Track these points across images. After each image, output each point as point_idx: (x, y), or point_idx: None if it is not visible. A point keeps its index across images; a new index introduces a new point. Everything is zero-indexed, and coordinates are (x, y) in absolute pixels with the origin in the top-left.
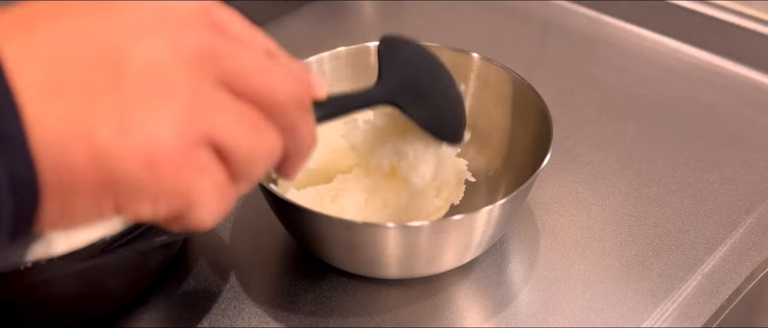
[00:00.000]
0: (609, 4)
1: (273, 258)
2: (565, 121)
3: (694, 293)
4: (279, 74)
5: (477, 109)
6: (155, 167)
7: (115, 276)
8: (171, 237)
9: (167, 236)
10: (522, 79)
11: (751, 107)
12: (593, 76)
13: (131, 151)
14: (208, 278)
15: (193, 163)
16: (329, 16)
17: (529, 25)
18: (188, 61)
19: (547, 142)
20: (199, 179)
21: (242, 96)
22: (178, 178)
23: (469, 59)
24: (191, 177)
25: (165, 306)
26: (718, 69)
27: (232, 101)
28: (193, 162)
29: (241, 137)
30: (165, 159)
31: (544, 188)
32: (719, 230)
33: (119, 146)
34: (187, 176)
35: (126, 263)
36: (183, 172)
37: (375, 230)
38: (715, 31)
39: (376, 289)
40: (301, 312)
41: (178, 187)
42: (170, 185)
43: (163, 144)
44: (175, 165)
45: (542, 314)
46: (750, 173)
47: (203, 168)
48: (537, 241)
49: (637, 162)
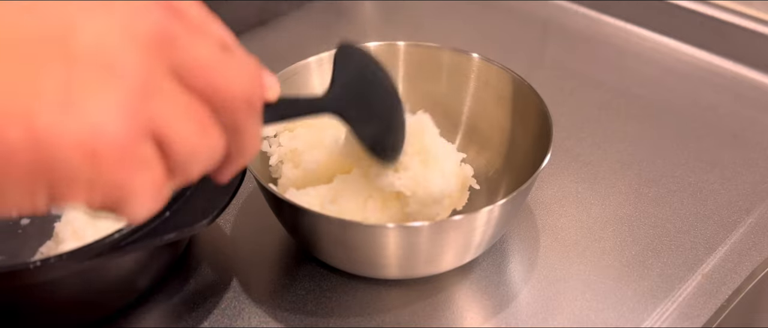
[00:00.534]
0: (609, 4)
1: (273, 258)
2: (565, 121)
3: (694, 293)
4: (233, 71)
5: (477, 109)
6: (97, 158)
7: (122, 274)
8: (179, 235)
9: (175, 233)
10: (522, 80)
11: (751, 107)
12: (593, 76)
13: (73, 138)
14: (208, 278)
15: (135, 156)
16: (329, 16)
17: (529, 25)
18: (141, 42)
19: (547, 142)
20: (139, 174)
21: (192, 90)
22: (119, 171)
23: (469, 59)
24: (132, 172)
25: (166, 306)
26: (718, 69)
27: (182, 94)
28: (136, 156)
29: (185, 134)
30: (108, 150)
31: (544, 188)
32: (719, 230)
33: (60, 132)
34: (128, 170)
35: (133, 261)
36: (124, 165)
37: (375, 230)
38: (715, 31)
39: (375, 289)
40: (301, 312)
41: (117, 180)
42: (110, 178)
43: (107, 133)
44: (118, 158)
45: (542, 314)
46: (750, 173)
47: (144, 163)
48: (537, 241)
49: (637, 162)
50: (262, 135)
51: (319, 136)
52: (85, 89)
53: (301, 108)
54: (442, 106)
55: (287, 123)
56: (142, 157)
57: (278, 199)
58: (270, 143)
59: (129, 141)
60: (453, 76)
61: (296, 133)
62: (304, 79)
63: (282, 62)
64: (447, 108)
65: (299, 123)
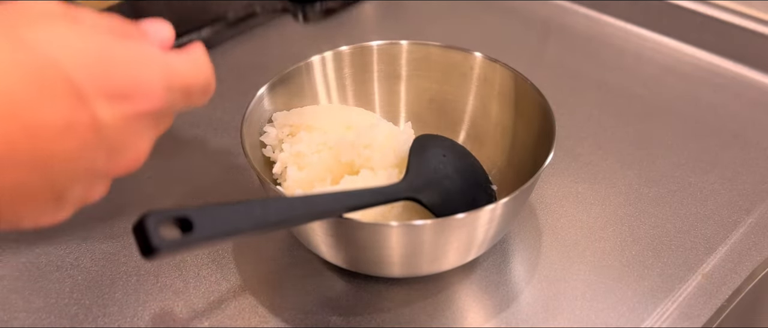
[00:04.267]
0: (609, 4)
1: (275, 257)
2: (566, 121)
3: (694, 293)
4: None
5: (479, 107)
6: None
7: None
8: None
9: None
10: (524, 78)
11: (751, 107)
12: (593, 76)
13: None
14: (208, 277)
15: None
16: (329, 15)
17: (529, 25)
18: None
19: (550, 140)
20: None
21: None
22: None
23: (471, 57)
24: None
25: (166, 306)
26: (718, 69)
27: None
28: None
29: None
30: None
31: (544, 188)
32: (719, 230)
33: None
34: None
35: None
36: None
37: (378, 228)
38: (715, 31)
39: (377, 288)
40: (303, 311)
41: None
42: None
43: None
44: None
45: (543, 313)
46: (750, 173)
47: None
48: (538, 241)
49: (637, 162)
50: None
51: (323, 139)
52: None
53: (383, 195)
54: (445, 105)
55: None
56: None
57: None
58: (273, 149)
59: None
60: (455, 74)
61: (299, 137)
62: (307, 79)
63: (284, 62)
64: (449, 106)
65: (302, 127)
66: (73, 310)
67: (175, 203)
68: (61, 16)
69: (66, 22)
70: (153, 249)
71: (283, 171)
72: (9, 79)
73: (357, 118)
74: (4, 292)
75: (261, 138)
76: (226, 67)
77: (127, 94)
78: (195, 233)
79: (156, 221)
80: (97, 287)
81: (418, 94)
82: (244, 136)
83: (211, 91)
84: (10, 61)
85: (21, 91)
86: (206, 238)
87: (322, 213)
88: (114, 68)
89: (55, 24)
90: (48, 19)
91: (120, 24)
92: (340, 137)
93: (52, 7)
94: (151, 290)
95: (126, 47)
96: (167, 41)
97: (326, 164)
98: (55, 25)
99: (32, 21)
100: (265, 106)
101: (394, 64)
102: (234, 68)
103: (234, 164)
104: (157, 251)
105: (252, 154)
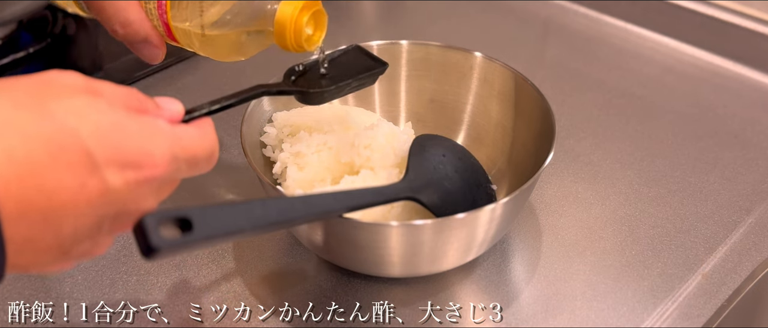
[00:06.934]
0: (609, 4)
1: (275, 257)
2: (566, 121)
3: (694, 293)
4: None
5: (479, 107)
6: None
7: None
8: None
9: None
10: (524, 78)
11: (751, 107)
12: (593, 76)
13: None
14: (208, 276)
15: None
16: (329, 16)
17: (529, 25)
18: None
19: (550, 140)
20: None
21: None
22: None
23: (471, 57)
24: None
25: (166, 306)
26: (718, 69)
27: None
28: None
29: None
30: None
31: (544, 188)
32: (719, 230)
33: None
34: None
35: None
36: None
37: (378, 228)
38: (715, 31)
39: (378, 288)
40: (303, 311)
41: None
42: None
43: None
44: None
45: (543, 313)
46: (750, 173)
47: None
48: (538, 240)
49: (637, 162)
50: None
51: (323, 139)
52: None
53: (383, 195)
54: (445, 105)
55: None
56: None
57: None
58: (273, 149)
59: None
60: (455, 74)
61: (299, 137)
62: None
63: (285, 61)
64: (449, 106)
65: (302, 127)
66: (73, 310)
67: (175, 203)
68: (84, 90)
69: (87, 96)
70: (153, 249)
71: (283, 171)
72: (31, 145)
73: (357, 118)
74: (4, 292)
75: (261, 138)
76: (227, 67)
77: (135, 162)
78: (195, 233)
79: (156, 221)
80: (97, 287)
81: (418, 94)
82: (244, 136)
83: (214, 160)
84: (34, 129)
85: (40, 156)
86: (206, 238)
87: (322, 213)
88: (124, 139)
89: (77, 97)
90: (71, 92)
91: (136, 97)
92: (340, 137)
93: (75, 81)
94: (151, 290)
95: (137, 120)
96: (177, 115)
97: (326, 164)
98: (77, 98)
99: (58, 93)
100: (265, 106)
101: (394, 64)
102: (234, 68)
103: (234, 164)
104: (157, 251)
105: (252, 154)
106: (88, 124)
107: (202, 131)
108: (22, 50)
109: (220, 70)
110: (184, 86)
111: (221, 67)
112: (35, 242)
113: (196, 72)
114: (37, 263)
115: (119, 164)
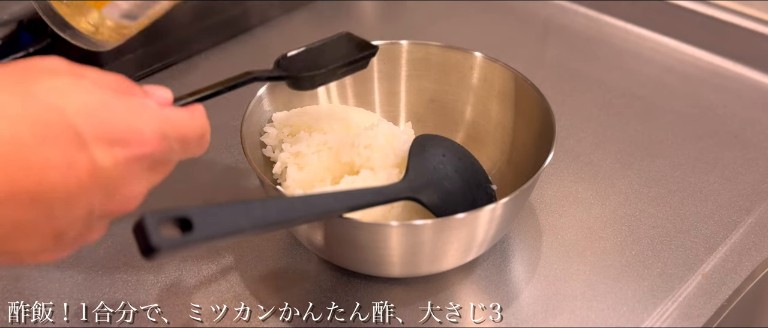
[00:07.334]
0: (609, 4)
1: (275, 257)
2: (566, 121)
3: (694, 293)
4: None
5: (479, 107)
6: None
7: None
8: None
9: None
10: (524, 78)
11: (752, 107)
12: (593, 76)
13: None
14: (208, 276)
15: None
16: (329, 16)
17: (529, 25)
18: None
19: (550, 140)
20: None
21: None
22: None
23: (471, 57)
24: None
25: (166, 306)
26: (718, 69)
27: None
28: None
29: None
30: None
31: (544, 188)
32: (719, 230)
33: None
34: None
35: None
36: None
37: (378, 228)
38: (715, 31)
39: (378, 288)
40: (303, 311)
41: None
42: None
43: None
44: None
45: (543, 313)
46: (750, 173)
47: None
48: (538, 240)
49: (637, 162)
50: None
51: (323, 139)
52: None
53: (383, 195)
54: (445, 105)
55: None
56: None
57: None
58: (273, 149)
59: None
60: (455, 74)
61: (299, 137)
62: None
63: None
64: (449, 106)
65: (302, 127)
66: (73, 310)
67: (175, 203)
68: (67, 72)
69: (70, 77)
70: (153, 249)
71: (283, 171)
72: (16, 126)
73: (357, 118)
74: (4, 292)
75: (261, 138)
76: (227, 67)
77: (124, 139)
78: (195, 233)
79: (156, 221)
80: (97, 287)
81: (418, 94)
82: (244, 136)
83: (206, 141)
84: (18, 110)
85: (26, 136)
86: (206, 238)
87: (322, 213)
88: (112, 116)
89: (60, 78)
90: (54, 74)
91: (122, 82)
92: (340, 137)
93: (58, 64)
94: (151, 290)
95: (124, 100)
96: (166, 100)
97: (326, 164)
98: (60, 79)
99: (40, 76)
100: (264, 106)
101: (394, 64)
102: (234, 68)
103: (234, 164)
104: (157, 251)
105: (252, 154)
106: (74, 102)
107: (191, 113)
108: (22, 50)
109: (221, 70)
110: (184, 86)
111: (221, 67)
112: (25, 227)
113: (196, 72)
114: (29, 251)
115: (107, 140)
